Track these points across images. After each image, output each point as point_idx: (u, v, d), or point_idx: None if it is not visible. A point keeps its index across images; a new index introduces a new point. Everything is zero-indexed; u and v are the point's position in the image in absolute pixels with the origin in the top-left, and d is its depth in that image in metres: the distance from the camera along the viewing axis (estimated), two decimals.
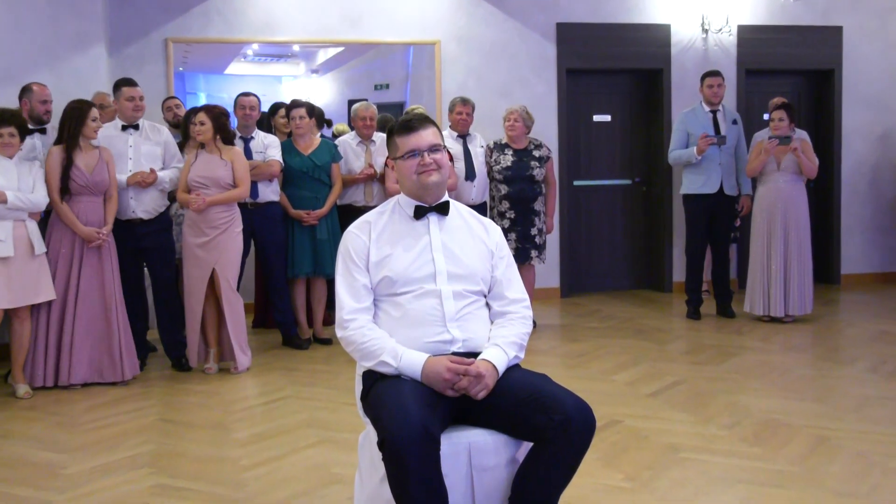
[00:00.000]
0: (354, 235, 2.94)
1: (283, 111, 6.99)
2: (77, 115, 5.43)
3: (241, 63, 8.28)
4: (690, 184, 7.35)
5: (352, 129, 7.03)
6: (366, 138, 6.78)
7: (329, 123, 7.30)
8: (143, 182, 5.74)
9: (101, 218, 5.52)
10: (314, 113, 6.59)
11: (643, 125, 8.97)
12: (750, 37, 8.81)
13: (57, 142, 5.50)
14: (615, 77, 8.89)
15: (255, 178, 6.22)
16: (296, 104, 6.53)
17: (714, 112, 7.35)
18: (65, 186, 5.40)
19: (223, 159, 5.73)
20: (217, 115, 5.74)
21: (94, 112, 5.50)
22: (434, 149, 2.91)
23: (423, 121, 2.94)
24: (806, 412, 4.67)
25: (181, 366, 5.92)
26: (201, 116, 5.71)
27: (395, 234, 2.93)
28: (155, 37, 7.68)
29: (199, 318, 5.78)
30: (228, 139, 5.80)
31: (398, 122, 2.99)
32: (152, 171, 5.78)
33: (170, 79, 7.68)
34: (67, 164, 5.41)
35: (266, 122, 7.15)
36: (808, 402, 4.88)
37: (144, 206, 5.79)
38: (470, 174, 6.80)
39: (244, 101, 6.44)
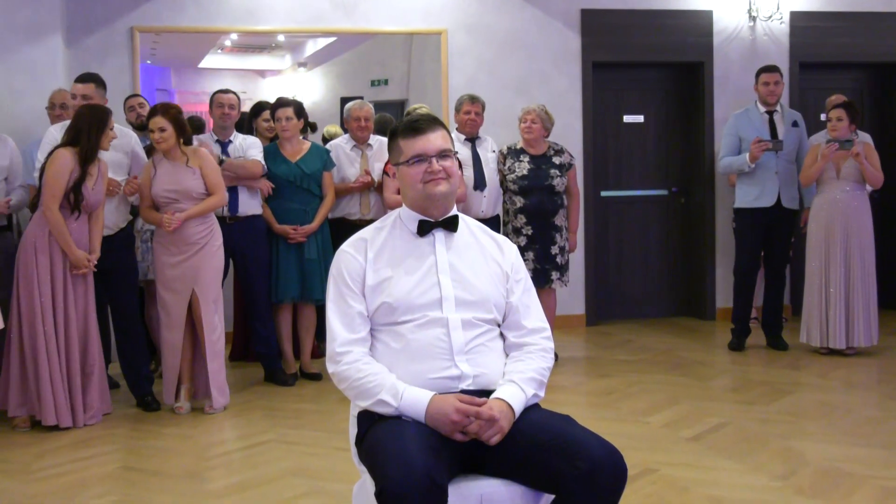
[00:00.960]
0: (348, 255, 2.96)
1: (267, 113, 7.01)
2: (98, 122, 5.45)
3: (218, 55, 8.35)
4: (744, 196, 7.35)
5: (345, 131, 7.07)
6: (361, 142, 6.81)
7: (314, 127, 7.32)
8: (112, 192, 5.79)
9: (86, 239, 5.53)
10: (303, 114, 6.62)
11: (681, 127, 9.00)
12: (805, 25, 8.84)
13: (63, 144, 5.47)
14: (649, 71, 8.93)
15: (238, 182, 6.24)
16: (282, 103, 6.56)
17: (770, 113, 7.36)
18: (76, 203, 5.39)
19: (189, 166, 5.73)
20: (176, 115, 5.73)
21: (112, 121, 5.58)
22: (443, 155, 2.93)
23: (432, 122, 2.97)
24: (872, 460, 4.66)
25: (147, 405, 5.94)
26: (160, 122, 5.66)
27: (395, 254, 2.95)
28: (119, 25, 7.73)
29: (180, 350, 5.79)
30: (189, 140, 5.82)
31: (403, 123, 3.01)
32: (132, 179, 5.86)
33: (135, 73, 7.73)
34: (80, 178, 5.41)
35: (247, 124, 7.17)
36: (875, 448, 4.87)
37: (106, 219, 5.80)
38: (480, 183, 6.83)
39: (222, 98, 6.48)
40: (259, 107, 7.27)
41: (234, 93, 6.56)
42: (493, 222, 6.87)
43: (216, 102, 6.49)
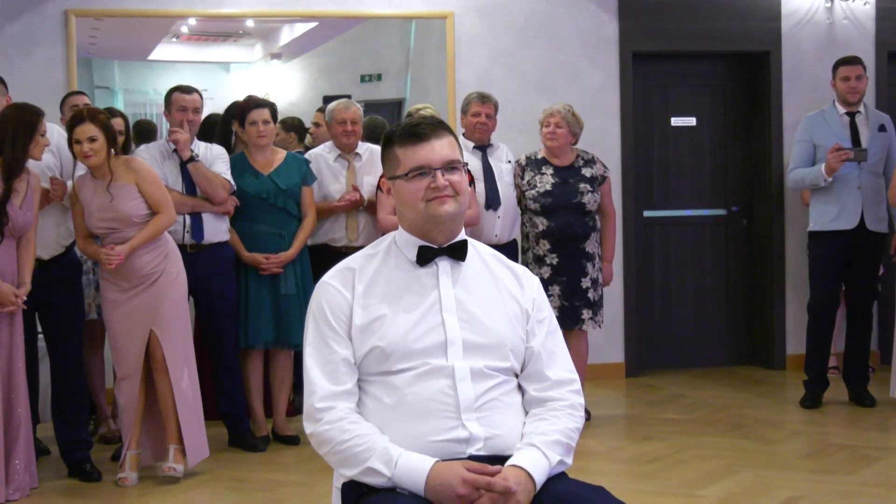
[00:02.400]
0: (331, 288, 2.98)
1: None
2: (26, 127, 5.45)
3: (173, 45, 8.39)
4: (819, 217, 7.35)
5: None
6: (347, 150, 6.84)
7: (303, 134, 7.32)
8: (52, 197, 5.76)
9: (13, 270, 5.52)
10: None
11: (742, 132, 9.04)
12: (895, 7, 8.88)
13: None
14: (702, 64, 8.99)
15: (204, 206, 6.27)
16: (255, 103, 6.59)
17: (852, 115, 7.38)
18: (0, 227, 5.36)
19: (125, 183, 5.68)
20: (105, 120, 5.67)
21: (44, 124, 5.57)
22: (450, 167, 2.96)
23: (436, 127, 2.99)
24: None
25: (86, 474, 5.92)
26: (90, 130, 5.57)
27: (389, 287, 2.97)
28: (50, 8, 7.78)
29: (135, 406, 5.79)
30: (121, 147, 5.81)
31: (400, 127, 3.03)
32: (54, 180, 5.79)
33: (71, 67, 7.76)
34: (4, 196, 5.38)
35: (221, 131, 7.11)
36: None
37: (42, 239, 5.80)
38: (493, 201, 6.86)
39: (184, 100, 6.44)
40: (237, 108, 7.09)
41: (199, 92, 6.55)
42: (509, 249, 6.87)
43: (176, 104, 6.44)
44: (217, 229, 6.40)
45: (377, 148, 6.15)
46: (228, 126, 7.06)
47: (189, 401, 5.85)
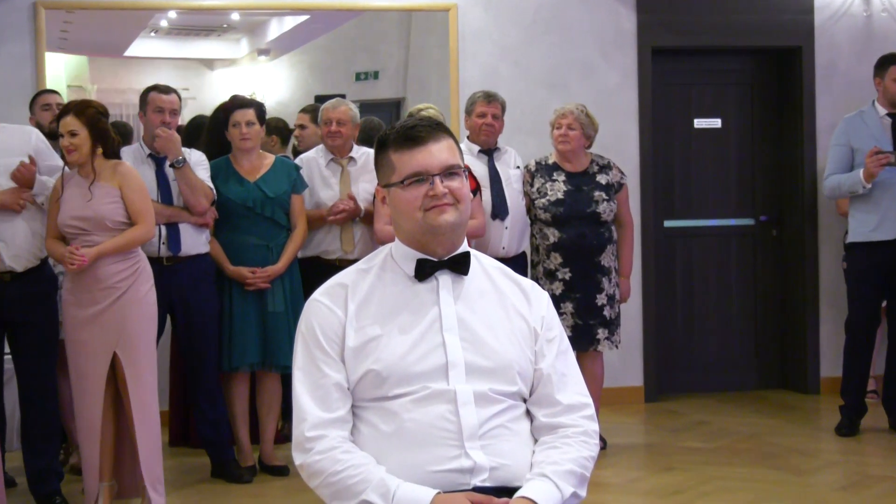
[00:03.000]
0: (322, 306, 2.99)
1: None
2: None
3: (151, 41, 8.41)
4: (858, 226, 7.35)
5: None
6: (340, 154, 6.85)
7: (287, 137, 7.32)
8: (21, 175, 5.73)
9: None
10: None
11: (772, 134, 9.05)
12: None
13: None
14: (727, 60, 9.00)
15: (182, 215, 6.28)
16: (239, 103, 6.61)
17: (894, 116, 7.38)
18: None
19: (108, 185, 5.71)
20: (95, 117, 5.70)
21: None
22: (450, 172, 2.97)
23: (434, 129, 3.00)
24: None
25: None
26: (71, 124, 5.63)
27: (385, 305, 2.98)
28: (18, 0, 7.78)
29: (99, 435, 5.76)
30: (115, 150, 5.83)
31: (395, 130, 3.04)
32: (23, 164, 5.76)
33: (40, 64, 7.77)
34: None
35: (208, 136, 7.09)
36: None
37: (14, 249, 5.79)
38: (500, 210, 6.87)
39: (161, 100, 6.45)
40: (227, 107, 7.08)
41: (177, 92, 6.56)
42: (518, 263, 6.90)
43: (153, 104, 6.45)
44: (196, 240, 6.40)
45: (373, 152, 6.15)
46: (217, 130, 6.99)
47: (153, 437, 5.78)
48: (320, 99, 7.68)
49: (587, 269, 6.84)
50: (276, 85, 8.47)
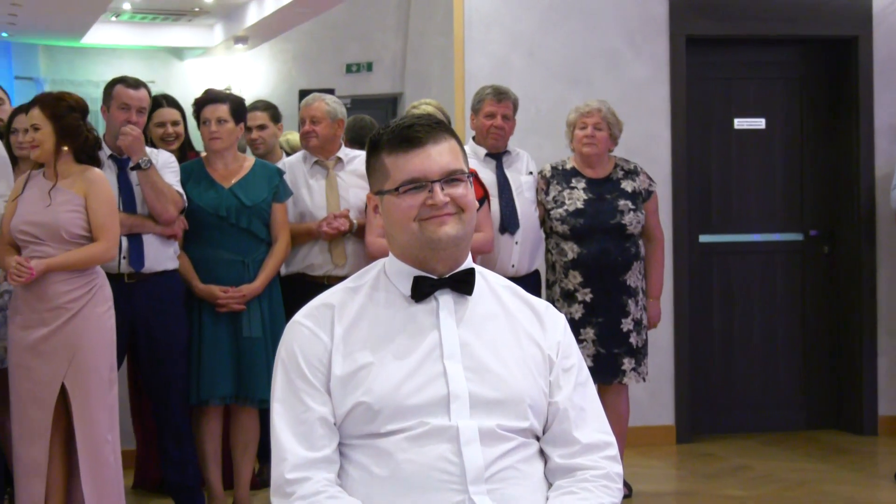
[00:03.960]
0: (305, 331, 2.99)
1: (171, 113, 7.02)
2: None
3: (111, 26, 8.45)
4: None
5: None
6: (324, 155, 6.85)
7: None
8: None
9: None
10: (243, 116, 6.62)
11: (824, 136, 9.06)
12: None
13: None
14: (772, 52, 9.03)
15: (147, 225, 6.29)
16: (212, 97, 6.61)
17: None
18: None
19: (71, 191, 5.73)
20: (62, 110, 5.74)
21: None
22: (452, 178, 2.97)
23: (433, 129, 2.99)
24: None
25: None
26: (34, 116, 5.70)
27: (377, 328, 2.98)
28: None
29: (44, 472, 5.76)
30: (88, 152, 5.85)
31: (389, 130, 3.04)
32: None
33: None
34: None
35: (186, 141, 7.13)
36: None
37: None
38: (509, 222, 6.88)
39: (127, 95, 6.42)
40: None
41: (146, 86, 6.55)
42: (530, 282, 6.90)
43: (118, 100, 6.43)
44: (161, 255, 6.38)
45: (364, 154, 6.16)
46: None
47: (107, 479, 5.78)
48: (305, 93, 7.68)
49: (610, 290, 6.84)
50: (255, 77, 8.51)
